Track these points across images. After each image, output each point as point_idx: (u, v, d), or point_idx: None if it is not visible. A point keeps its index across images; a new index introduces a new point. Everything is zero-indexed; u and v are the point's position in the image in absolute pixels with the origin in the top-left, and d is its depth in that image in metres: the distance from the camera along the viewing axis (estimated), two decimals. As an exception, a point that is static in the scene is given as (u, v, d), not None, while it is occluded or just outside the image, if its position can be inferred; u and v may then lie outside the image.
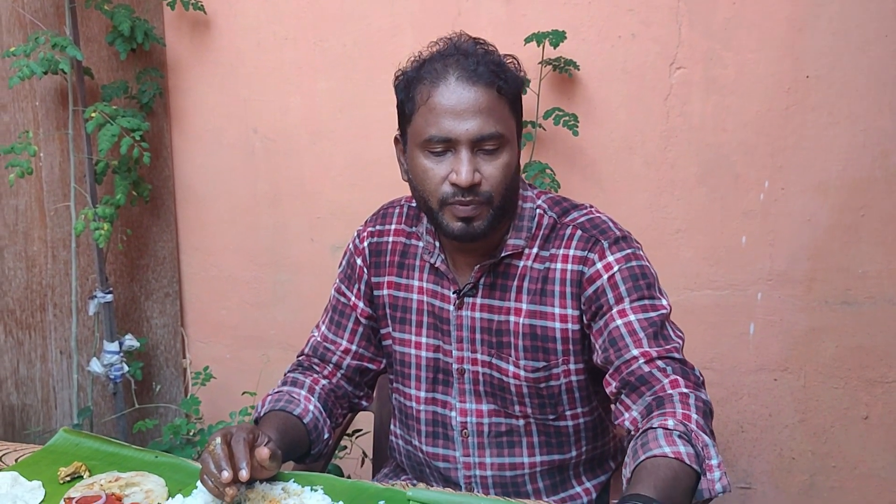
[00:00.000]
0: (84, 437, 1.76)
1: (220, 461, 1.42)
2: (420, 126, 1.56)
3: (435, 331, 1.72)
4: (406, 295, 1.75)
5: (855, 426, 2.56)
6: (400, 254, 1.77)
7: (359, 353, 1.83)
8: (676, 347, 1.56)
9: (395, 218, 1.80)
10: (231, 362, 2.87)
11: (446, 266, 1.69)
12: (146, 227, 2.79)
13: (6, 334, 2.84)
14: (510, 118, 1.57)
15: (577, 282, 1.61)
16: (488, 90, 1.52)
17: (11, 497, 1.52)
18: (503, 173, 1.55)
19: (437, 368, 1.73)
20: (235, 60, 2.72)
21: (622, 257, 1.60)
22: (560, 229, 1.65)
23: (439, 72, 1.54)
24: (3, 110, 2.68)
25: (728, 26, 2.38)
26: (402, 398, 1.80)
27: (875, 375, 2.51)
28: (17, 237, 2.77)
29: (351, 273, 1.82)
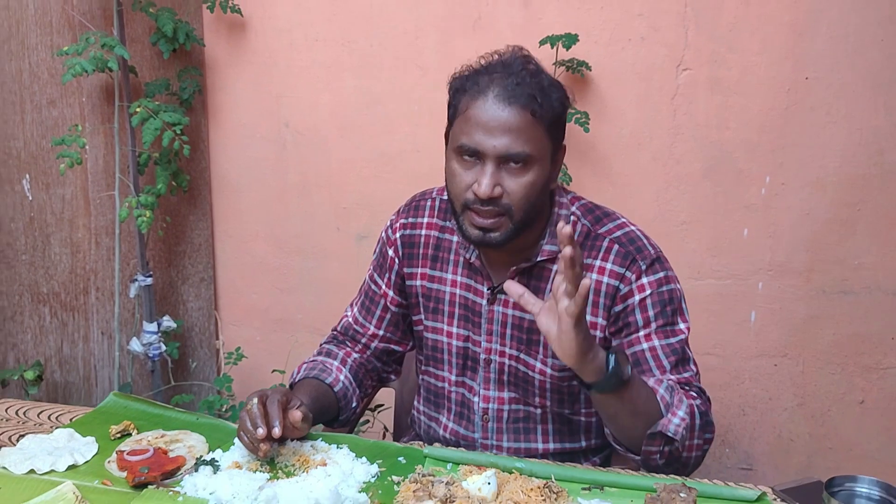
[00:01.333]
0: (132, 400, 1.93)
1: (256, 419, 1.58)
2: (456, 133, 1.65)
3: (465, 322, 1.83)
4: (440, 287, 1.85)
5: (851, 410, 2.68)
6: (433, 247, 1.87)
7: (386, 336, 1.96)
8: (693, 375, 1.71)
9: (428, 211, 1.89)
10: (261, 344, 3.02)
11: (481, 262, 1.79)
12: (184, 216, 2.95)
13: (51, 316, 3.02)
14: (544, 139, 1.63)
15: (612, 296, 1.71)
16: (523, 112, 1.59)
17: (69, 449, 1.69)
18: (526, 191, 1.62)
19: (465, 356, 1.84)
20: (269, 60, 2.86)
21: (655, 281, 1.71)
22: (596, 240, 1.74)
23: (481, 86, 1.62)
24: (53, 106, 2.86)
25: (732, 30, 2.51)
26: (432, 380, 1.92)
27: (871, 362, 2.63)
28: (63, 224, 2.95)
29: (383, 262, 1.93)
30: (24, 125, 2.88)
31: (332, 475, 1.57)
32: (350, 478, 1.59)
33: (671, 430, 1.58)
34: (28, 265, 2.99)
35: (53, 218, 2.94)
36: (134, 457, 1.64)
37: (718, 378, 2.74)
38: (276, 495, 1.52)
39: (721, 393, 2.75)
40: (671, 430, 1.58)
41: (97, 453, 1.70)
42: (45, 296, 3.00)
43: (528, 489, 1.52)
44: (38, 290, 3.00)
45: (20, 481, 1.60)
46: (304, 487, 1.53)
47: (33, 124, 2.87)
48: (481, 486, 1.50)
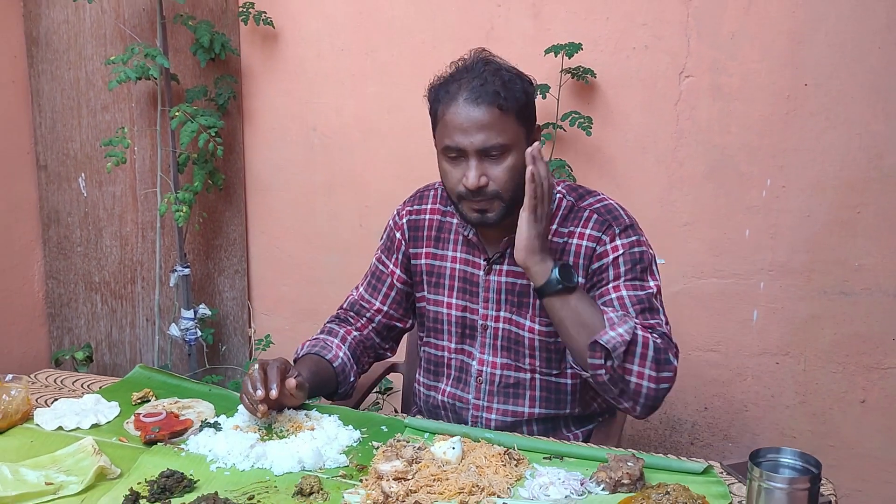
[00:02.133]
0: (154, 372, 2.15)
1: (256, 382, 1.78)
2: (440, 137, 1.88)
3: (464, 293, 2.02)
4: (441, 263, 2.06)
5: (852, 409, 2.74)
6: (436, 229, 2.08)
7: (389, 313, 2.14)
8: (660, 323, 1.84)
9: (431, 199, 2.12)
10: (289, 332, 3.20)
11: (477, 238, 1.99)
12: (220, 212, 3.17)
13: (102, 303, 3.28)
14: (515, 127, 1.82)
15: (589, 256, 1.90)
16: (490, 108, 1.79)
17: (94, 411, 1.91)
18: (509, 174, 1.82)
19: (464, 325, 2.03)
20: (298, 68, 3.04)
21: (627, 243, 1.89)
22: (578, 211, 1.94)
23: (451, 93, 1.84)
24: (106, 111, 3.13)
25: (733, 39, 2.61)
26: (433, 350, 2.10)
27: (871, 361, 2.69)
28: (113, 219, 3.21)
29: (390, 245, 2.14)
30: (81, 128, 3.15)
31: (318, 438, 1.75)
32: (334, 441, 1.76)
33: (605, 339, 1.71)
34: (82, 256, 3.25)
35: (105, 213, 3.20)
36: (148, 418, 1.85)
37: (721, 375, 2.83)
38: (266, 453, 1.71)
39: (724, 389, 2.84)
40: (605, 339, 1.71)
41: (118, 415, 1.92)
42: (97, 284, 3.26)
43: (489, 455, 1.68)
44: (90, 279, 3.26)
45: (49, 436, 1.82)
46: (290, 447, 1.71)
47: (88, 128, 3.14)
48: (446, 450, 1.66)
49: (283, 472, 1.66)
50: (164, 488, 1.58)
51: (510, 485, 1.60)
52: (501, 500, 1.54)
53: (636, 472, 1.59)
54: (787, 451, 1.48)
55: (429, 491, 1.57)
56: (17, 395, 1.87)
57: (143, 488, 1.59)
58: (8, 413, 1.85)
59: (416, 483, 1.58)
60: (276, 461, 1.68)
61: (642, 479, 1.60)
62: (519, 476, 1.64)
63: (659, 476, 1.63)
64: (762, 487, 1.41)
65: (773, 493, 1.40)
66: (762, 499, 1.41)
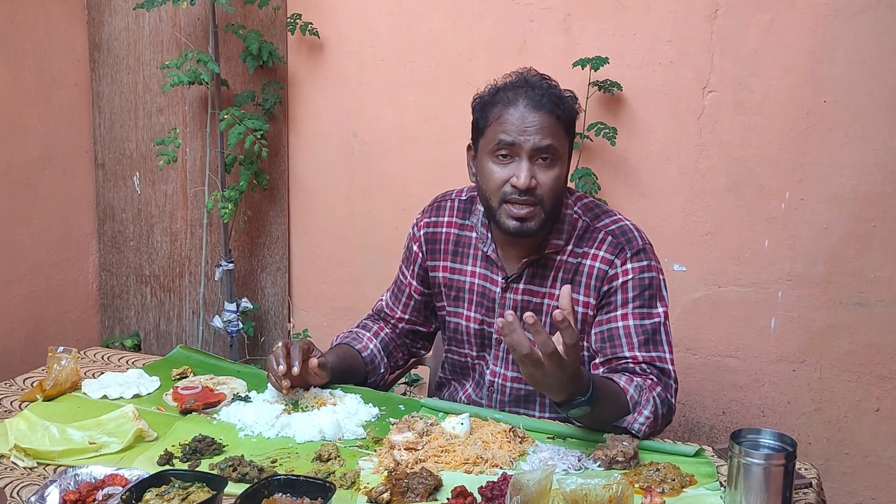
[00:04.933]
0: (193, 352, 2.32)
1: (279, 358, 1.93)
2: (491, 136, 1.91)
3: (481, 307, 2.11)
4: (460, 278, 2.14)
5: (867, 417, 2.80)
6: (454, 243, 2.15)
7: (411, 320, 2.25)
8: (661, 357, 1.93)
9: (448, 211, 2.17)
10: (327, 328, 3.34)
11: (496, 255, 2.07)
12: (264, 212, 3.34)
13: (151, 295, 3.47)
14: (564, 140, 1.92)
15: (602, 278, 1.98)
16: (549, 116, 1.88)
17: (137, 384, 2.08)
18: (554, 183, 1.90)
19: (482, 336, 2.13)
20: (341, 77, 3.20)
21: (638, 268, 1.96)
22: (593, 232, 2.01)
23: (511, 98, 1.90)
24: (160, 113, 3.33)
25: (755, 56, 2.71)
26: (457, 357, 2.20)
27: (886, 372, 2.75)
28: (164, 216, 3.40)
29: (409, 256, 2.24)
30: (137, 129, 3.36)
31: (338, 412, 1.90)
32: (354, 416, 1.90)
33: (635, 428, 1.82)
34: (134, 251, 3.45)
35: (157, 210, 3.39)
36: (186, 391, 2.01)
37: (739, 380, 2.91)
38: (290, 423, 1.85)
39: (741, 394, 2.92)
40: (635, 428, 1.82)
41: (158, 388, 2.08)
42: (147, 278, 3.45)
43: (495, 432, 1.80)
44: (141, 272, 3.46)
45: (94, 403, 1.99)
46: (312, 418, 1.86)
47: (144, 129, 3.35)
48: (455, 425, 1.79)
49: (305, 441, 1.80)
50: (195, 450, 1.74)
51: (513, 459, 1.72)
52: (502, 470, 1.67)
53: (630, 451, 1.70)
54: (766, 432, 1.59)
55: (436, 461, 1.70)
56: (66, 364, 2.04)
57: (176, 450, 1.75)
58: (59, 381, 2.02)
59: (424, 453, 1.72)
60: (299, 430, 1.83)
61: (636, 457, 1.71)
62: (522, 452, 1.76)
63: (653, 457, 1.74)
64: (741, 463, 1.52)
65: (750, 469, 1.51)
66: (741, 474, 1.52)
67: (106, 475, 1.59)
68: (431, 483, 1.59)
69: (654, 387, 1.88)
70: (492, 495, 1.55)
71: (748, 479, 1.51)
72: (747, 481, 1.51)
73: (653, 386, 1.88)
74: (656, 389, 1.88)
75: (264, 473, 1.64)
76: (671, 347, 1.97)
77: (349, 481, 1.62)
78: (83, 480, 1.58)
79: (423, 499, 1.58)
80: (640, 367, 1.92)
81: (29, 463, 1.70)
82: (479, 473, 1.67)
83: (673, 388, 1.94)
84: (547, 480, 1.41)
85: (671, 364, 1.95)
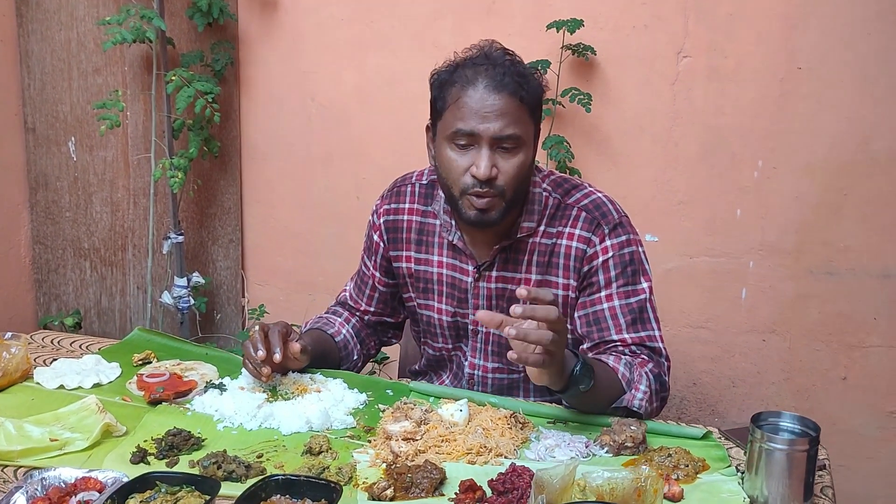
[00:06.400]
0: (154, 335, 2.16)
1: (258, 343, 1.78)
2: (449, 121, 1.77)
3: (452, 299, 1.99)
4: (427, 268, 2.01)
5: (834, 386, 2.81)
6: (417, 231, 2.01)
7: (377, 312, 2.13)
8: (651, 336, 1.86)
9: (409, 197, 2.03)
10: (283, 303, 3.21)
11: (463, 243, 1.94)
12: (215, 181, 3.15)
13: (91, 270, 3.26)
14: (529, 123, 1.77)
15: (580, 258, 1.87)
16: (511, 98, 1.73)
17: (96, 371, 1.91)
18: (517, 171, 1.76)
19: (456, 328, 2.01)
20: (297, 37, 3.03)
21: (617, 244, 1.86)
22: (566, 209, 1.89)
23: (470, 77, 1.74)
24: (97, 73, 3.09)
25: (730, 21, 2.65)
26: (431, 350, 2.09)
27: (854, 340, 2.76)
28: (104, 185, 3.18)
29: (370, 245, 2.10)
30: (72, 91, 3.12)
31: (324, 400, 1.78)
32: (341, 403, 1.78)
33: (636, 405, 1.75)
34: (71, 222, 3.23)
35: (96, 178, 3.17)
36: (152, 379, 1.86)
37: (710, 351, 2.88)
38: (273, 413, 1.72)
39: (712, 365, 2.90)
40: (636, 405, 1.75)
41: (120, 376, 1.93)
42: (86, 251, 3.24)
43: (496, 418, 1.70)
44: (80, 245, 3.24)
45: (50, 394, 1.82)
46: (297, 407, 1.73)
47: (79, 90, 3.11)
48: (454, 412, 1.69)
49: (291, 432, 1.68)
50: (171, 446, 1.60)
51: (516, 447, 1.63)
52: (508, 460, 1.57)
53: (639, 436, 1.62)
54: (786, 415, 1.53)
55: (437, 451, 1.60)
56: (17, 352, 1.86)
57: (150, 445, 1.61)
58: (8, 371, 1.85)
59: (424, 443, 1.61)
60: (284, 421, 1.70)
61: (644, 442, 1.63)
62: (524, 439, 1.67)
63: (660, 440, 1.67)
64: (763, 449, 1.45)
65: (773, 454, 1.44)
66: (763, 460, 1.45)
67: (77, 478, 1.44)
68: (437, 477, 1.49)
69: (645, 363, 1.82)
70: (504, 489, 1.45)
71: (770, 464, 1.45)
72: (769, 467, 1.45)
73: (644, 363, 1.82)
74: (648, 366, 1.81)
75: (252, 470, 1.52)
76: (659, 323, 1.90)
77: (346, 476, 1.51)
78: (51, 485, 1.44)
79: (429, 494, 1.48)
80: (629, 349, 1.85)
81: (-15, 465, 1.53)
82: (484, 464, 1.57)
83: (665, 366, 1.87)
84: (570, 476, 1.33)
85: (661, 341, 1.88)
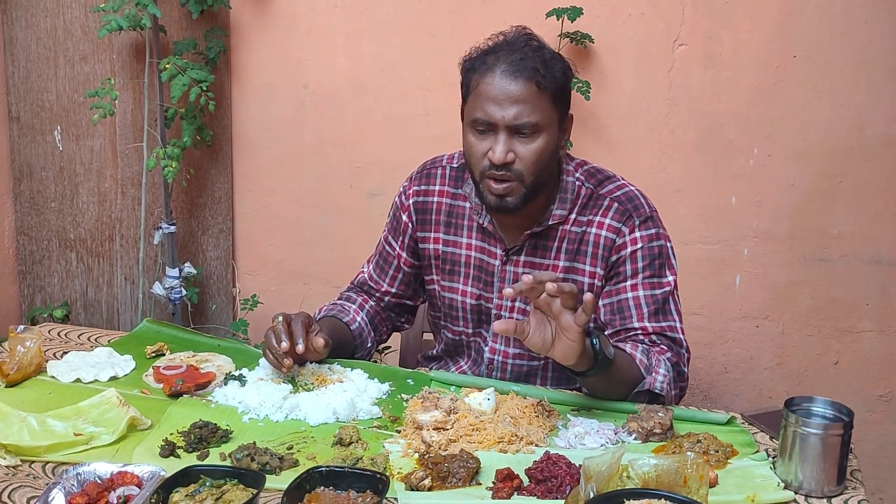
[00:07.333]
0: (163, 326, 2.13)
1: (281, 335, 1.77)
2: (469, 108, 1.81)
3: (478, 281, 1.99)
4: (455, 250, 2.01)
5: (826, 371, 2.86)
6: (446, 213, 2.02)
7: (398, 293, 2.12)
8: (672, 326, 1.88)
9: (439, 179, 2.03)
10: (275, 293, 3.18)
11: (493, 227, 1.95)
12: (206, 170, 3.10)
13: (78, 261, 3.20)
14: (550, 108, 1.78)
15: (609, 248, 1.89)
16: (528, 84, 1.74)
17: (111, 364, 1.88)
18: (536, 156, 1.78)
19: (479, 312, 2.00)
20: (290, 24, 2.98)
21: (646, 236, 1.89)
22: (598, 199, 1.91)
23: (488, 65, 1.78)
24: (85, 61, 3.03)
25: (726, 8, 2.66)
26: (451, 334, 2.08)
27: (846, 325, 2.81)
28: (91, 174, 3.12)
29: (397, 226, 2.09)
30: (58, 79, 3.05)
31: (349, 390, 1.76)
32: (364, 393, 1.77)
33: (657, 387, 1.77)
34: (57, 212, 3.16)
35: (82, 168, 3.11)
36: (169, 371, 1.83)
37: (703, 337, 2.91)
38: (299, 404, 1.71)
39: (706, 351, 2.93)
40: (657, 387, 1.77)
41: (135, 369, 1.90)
42: (72, 242, 3.18)
43: (522, 406, 1.71)
44: (65, 236, 3.17)
45: (68, 388, 1.79)
46: (323, 399, 1.72)
47: (66, 78, 3.04)
48: (481, 401, 1.69)
49: (319, 423, 1.67)
50: (200, 438, 1.58)
51: (545, 434, 1.64)
52: (540, 448, 1.58)
53: (667, 422, 1.64)
54: (818, 400, 1.56)
55: (469, 440, 1.60)
56: (31, 346, 1.83)
57: (178, 439, 1.59)
58: (23, 365, 1.81)
59: (455, 433, 1.61)
60: (311, 412, 1.69)
61: (672, 428, 1.65)
62: (552, 427, 1.68)
63: (685, 426, 1.69)
64: (798, 433, 1.47)
65: (808, 439, 1.47)
66: (797, 445, 1.47)
67: (113, 473, 1.42)
68: (473, 466, 1.49)
69: (663, 352, 1.84)
70: (542, 477, 1.46)
71: (805, 449, 1.47)
72: (804, 452, 1.47)
73: (662, 351, 1.84)
74: (666, 354, 1.84)
75: (285, 462, 1.51)
76: (681, 316, 1.93)
77: (380, 467, 1.50)
78: (87, 480, 1.42)
79: (466, 483, 1.48)
80: (650, 338, 1.86)
81: (11, 461, 1.50)
82: (516, 452, 1.58)
83: (685, 357, 1.90)
84: (616, 463, 1.33)
85: (681, 333, 1.91)
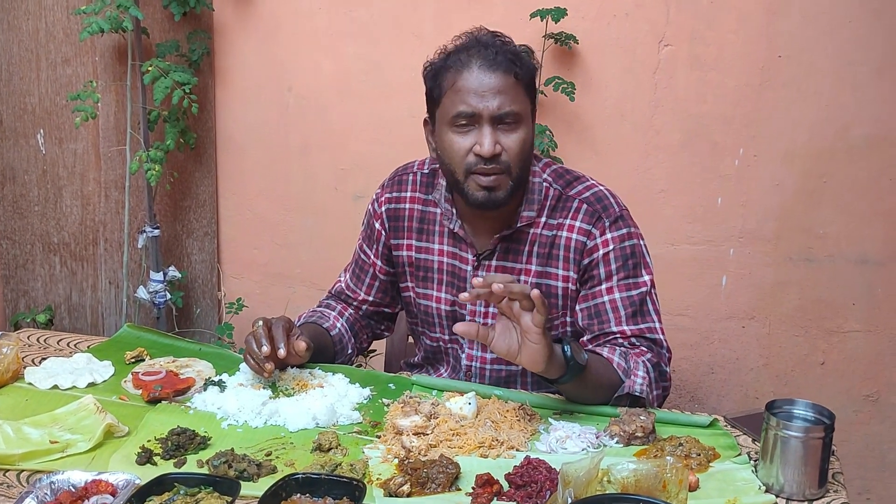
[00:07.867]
0: (144, 331, 2.11)
1: (261, 339, 1.75)
2: (448, 106, 1.79)
3: (451, 287, 1.98)
4: (427, 257, 2.00)
5: (813, 371, 2.85)
6: (418, 220, 2.01)
7: (375, 301, 2.10)
8: (651, 328, 1.87)
9: (410, 185, 2.03)
10: (260, 296, 3.16)
11: (464, 232, 1.94)
12: (190, 173, 3.08)
13: (61, 265, 3.18)
14: (525, 99, 1.80)
15: (580, 251, 1.88)
16: (506, 76, 1.76)
17: (89, 370, 1.87)
18: (520, 146, 1.78)
19: (454, 318, 1.99)
20: (274, 26, 2.97)
21: (618, 237, 1.87)
22: (566, 201, 1.90)
23: (464, 61, 1.77)
24: (67, 64, 3.01)
25: (711, 9, 2.66)
26: (429, 341, 2.07)
27: (832, 325, 2.80)
28: (74, 178, 3.09)
29: (371, 234, 2.08)
30: (40, 82, 3.03)
31: (329, 395, 1.75)
32: (345, 398, 1.76)
33: (637, 390, 1.75)
34: (40, 216, 3.14)
35: (65, 171, 3.08)
36: (148, 377, 1.81)
37: (689, 338, 2.90)
38: (278, 410, 1.69)
39: (691, 352, 2.92)
40: (637, 390, 1.75)
41: (114, 374, 1.88)
42: (55, 245, 3.15)
43: (504, 410, 1.70)
44: (49, 240, 3.15)
45: (45, 395, 1.77)
46: (303, 404, 1.71)
47: (48, 81, 3.02)
48: (462, 405, 1.68)
49: (298, 429, 1.66)
50: (177, 445, 1.56)
51: (527, 439, 1.63)
52: (521, 452, 1.57)
53: (649, 426, 1.63)
54: (800, 403, 1.54)
55: (449, 445, 1.58)
56: (8, 352, 1.81)
57: (155, 446, 1.57)
58: (0, 371, 1.79)
59: (435, 438, 1.60)
60: (290, 418, 1.67)
61: (654, 432, 1.64)
62: (533, 431, 1.66)
63: (667, 429, 1.68)
64: (778, 436, 1.46)
65: (788, 442, 1.46)
66: (778, 448, 1.46)
67: (87, 481, 1.40)
68: (453, 471, 1.48)
69: (642, 354, 1.83)
70: (522, 482, 1.45)
71: (786, 452, 1.46)
72: (785, 455, 1.46)
73: (641, 353, 1.83)
74: (645, 356, 1.82)
75: (263, 469, 1.50)
76: (659, 316, 1.91)
77: (359, 473, 1.49)
78: (61, 489, 1.40)
79: (445, 489, 1.46)
80: (629, 340, 1.85)
81: (-15, 470, 1.48)
82: (497, 457, 1.57)
83: (666, 357, 1.88)
84: (595, 468, 1.32)
85: (661, 333, 1.89)
